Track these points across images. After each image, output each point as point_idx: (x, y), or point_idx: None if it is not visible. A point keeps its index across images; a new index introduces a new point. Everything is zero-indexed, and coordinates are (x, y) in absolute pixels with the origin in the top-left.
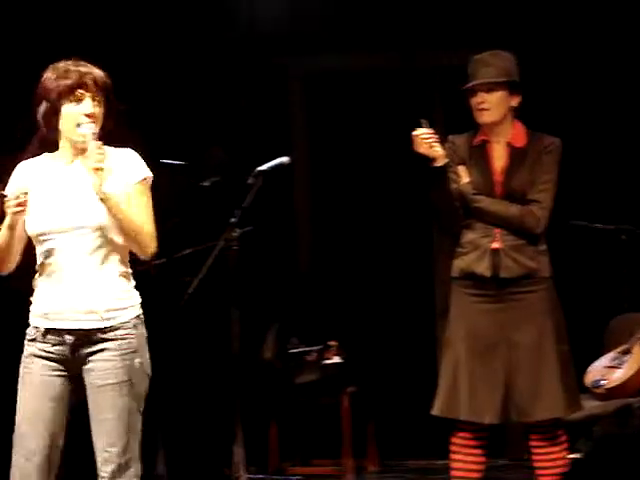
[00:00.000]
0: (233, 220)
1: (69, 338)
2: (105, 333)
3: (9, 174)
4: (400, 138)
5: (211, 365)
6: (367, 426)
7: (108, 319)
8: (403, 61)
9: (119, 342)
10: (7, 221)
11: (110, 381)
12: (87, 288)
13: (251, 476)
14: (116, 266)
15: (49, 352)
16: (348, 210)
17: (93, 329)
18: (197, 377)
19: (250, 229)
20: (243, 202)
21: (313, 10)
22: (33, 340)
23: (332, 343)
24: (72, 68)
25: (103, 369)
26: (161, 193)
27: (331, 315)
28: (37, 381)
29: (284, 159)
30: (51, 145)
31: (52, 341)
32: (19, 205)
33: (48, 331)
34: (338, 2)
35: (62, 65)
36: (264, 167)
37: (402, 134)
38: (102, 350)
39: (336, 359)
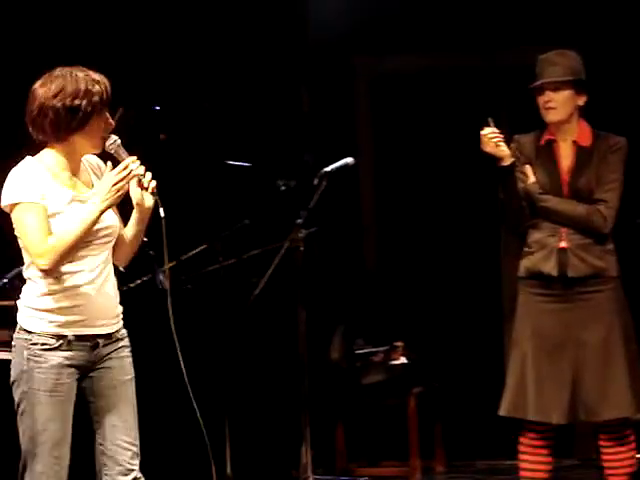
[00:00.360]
0: (299, 221)
1: (98, 342)
2: (119, 332)
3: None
4: (467, 138)
5: (278, 366)
6: (434, 427)
7: (121, 319)
8: (468, 61)
9: (126, 339)
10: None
11: (128, 377)
12: (111, 293)
13: (318, 477)
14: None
15: (72, 359)
16: (414, 210)
17: (113, 332)
18: (264, 378)
19: (315, 230)
20: (309, 203)
21: (378, 11)
22: (56, 349)
23: (399, 344)
24: (96, 78)
25: (121, 366)
26: (228, 194)
27: (397, 316)
28: (66, 389)
29: (349, 160)
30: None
31: (78, 348)
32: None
33: (76, 338)
34: (404, 3)
35: (82, 75)
36: (329, 168)
37: (469, 133)
38: (118, 349)
39: (403, 360)
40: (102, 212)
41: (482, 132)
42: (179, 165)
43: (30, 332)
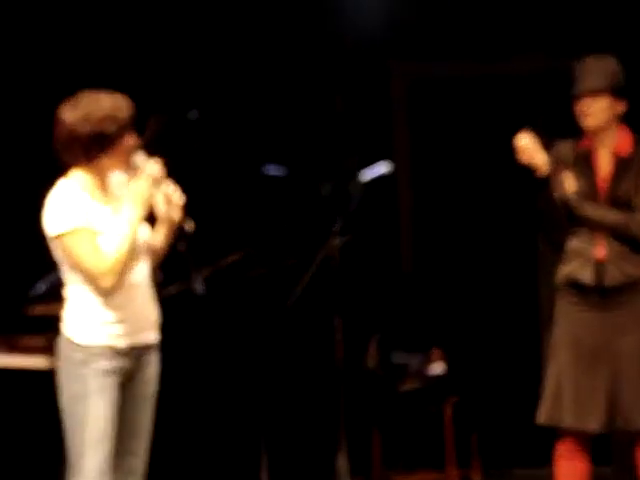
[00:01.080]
0: (335, 228)
1: (142, 352)
2: (155, 345)
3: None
4: (504, 143)
5: (314, 373)
6: (471, 435)
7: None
8: (505, 66)
9: (158, 352)
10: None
11: (153, 389)
12: (152, 303)
13: None
14: None
15: (117, 366)
16: (451, 216)
17: (155, 340)
18: (301, 385)
19: (351, 238)
20: (346, 210)
21: (416, 14)
22: (103, 356)
23: (435, 351)
24: (121, 101)
25: (153, 379)
26: (265, 201)
27: (434, 323)
28: (113, 393)
29: (385, 167)
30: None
31: (123, 356)
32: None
33: (123, 347)
34: (440, 8)
35: (107, 99)
36: (365, 178)
37: (506, 139)
38: (151, 362)
39: (439, 367)
40: (139, 219)
41: (517, 142)
42: (215, 172)
43: (81, 342)
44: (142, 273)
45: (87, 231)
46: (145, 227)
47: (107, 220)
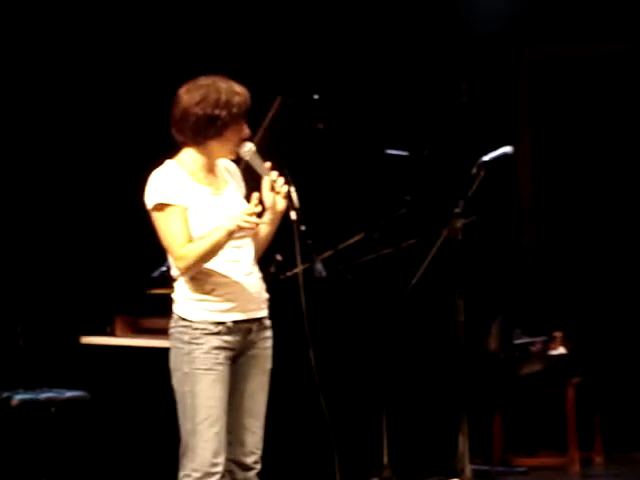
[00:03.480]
0: (457, 210)
1: (251, 328)
2: (266, 319)
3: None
4: (629, 128)
5: (436, 356)
6: (593, 417)
7: (266, 308)
8: (631, 50)
9: (270, 330)
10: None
11: (268, 366)
12: (258, 281)
13: (475, 467)
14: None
15: (228, 343)
16: (573, 199)
17: (263, 317)
18: (421, 367)
19: (474, 219)
20: (467, 192)
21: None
22: (215, 334)
23: (557, 334)
24: (237, 89)
25: (264, 356)
26: (386, 183)
27: (556, 306)
28: (223, 370)
29: (507, 149)
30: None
31: (234, 333)
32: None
33: (233, 324)
34: None
35: (224, 86)
36: (487, 157)
37: (631, 125)
38: (265, 338)
39: (561, 350)
40: (230, 233)
41: None
42: (336, 154)
43: (190, 320)
44: (246, 252)
45: (176, 209)
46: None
47: (203, 199)
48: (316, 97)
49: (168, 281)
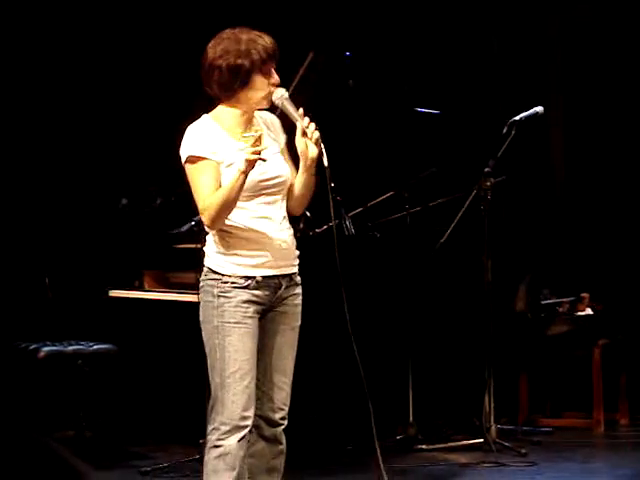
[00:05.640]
0: (487, 170)
1: (281, 284)
2: (296, 276)
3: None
4: None
5: (463, 314)
6: (619, 379)
7: (297, 265)
8: None
9: (300, 287)
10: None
11: (297, 323)
12: (288, 237)
13: (501, 426)
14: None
15: (258, 297)
16: (603, 160)
17: (293, 273)
18: (449, 326)
19: (503, 179)
20: (498, 152)
21: None
22: (245, 288)
23: (584, 295)
24: (258, 37)
25: (293, 312)
26: (416, 142)
27: (584, 267)
28: (252, 323)
29: (538, 109)
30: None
31: (264, 287)
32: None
33: (263, 279)
34: None
35: (245, 37)
36: (518, 117)
37: None
38: (294, 294)
39: (588, 311)
40: (243, 173)
41: None
42: (367, 112)
43: (221, 274)
44: (278, 209)
45: (207, 163)
46: (284, 165)
47: (236, 154)
48: (348, 54)
49: (196, 236)
